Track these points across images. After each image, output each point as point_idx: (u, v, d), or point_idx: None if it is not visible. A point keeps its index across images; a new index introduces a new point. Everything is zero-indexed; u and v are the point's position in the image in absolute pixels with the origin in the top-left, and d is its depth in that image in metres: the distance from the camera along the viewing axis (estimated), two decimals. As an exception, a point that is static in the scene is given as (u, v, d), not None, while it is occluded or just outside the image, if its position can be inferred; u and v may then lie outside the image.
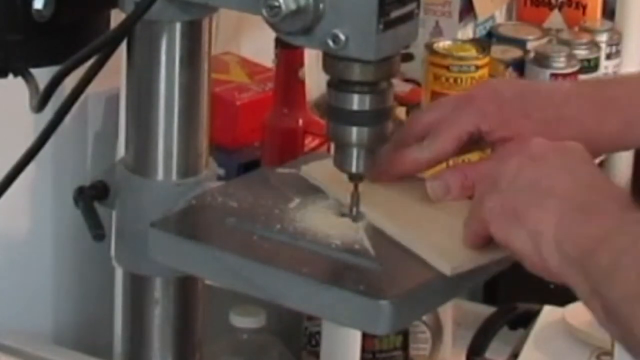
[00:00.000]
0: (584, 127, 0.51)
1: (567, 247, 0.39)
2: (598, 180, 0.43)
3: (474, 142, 0.51)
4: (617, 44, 1.19)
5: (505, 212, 0.42)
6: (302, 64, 0.82)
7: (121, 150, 0.62)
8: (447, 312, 1.15)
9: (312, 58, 0.79)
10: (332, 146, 0.52)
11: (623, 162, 1.22)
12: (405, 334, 1.07)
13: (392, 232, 0.48)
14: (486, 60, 0.98)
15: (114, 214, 0.56)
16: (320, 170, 0.55)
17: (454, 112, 0.51)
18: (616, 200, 0.41)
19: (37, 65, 0.53)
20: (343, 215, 0.50)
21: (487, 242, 0.44)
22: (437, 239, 0.47)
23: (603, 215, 0.39)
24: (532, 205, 0.41)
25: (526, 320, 1.11)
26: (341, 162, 0.49)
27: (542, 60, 1.07)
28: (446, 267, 0.44)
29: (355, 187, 0.49)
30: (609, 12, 1.31)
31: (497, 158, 0.47)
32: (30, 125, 0.81)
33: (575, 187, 0.42)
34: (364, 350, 0.93)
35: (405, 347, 1.08)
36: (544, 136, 0.47)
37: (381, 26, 0.43)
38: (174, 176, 0.54)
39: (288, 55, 0.83)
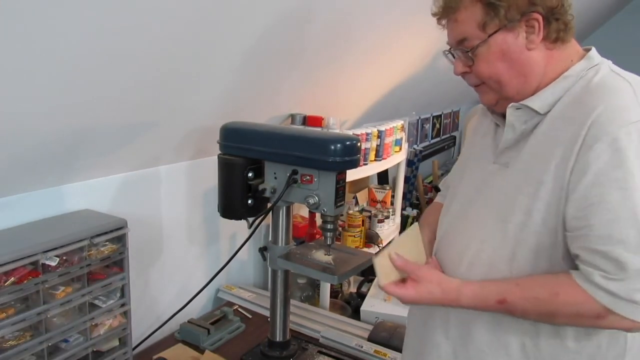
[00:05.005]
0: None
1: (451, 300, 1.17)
2: (445, 283, 1.20)
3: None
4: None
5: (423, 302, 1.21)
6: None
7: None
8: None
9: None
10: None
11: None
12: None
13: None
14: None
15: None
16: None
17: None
18: (452, 285, 1.18)
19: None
20: (326, 254, 1.72)
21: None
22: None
23: (450, 293, 1.17)
24: (430, 299, 1.20)
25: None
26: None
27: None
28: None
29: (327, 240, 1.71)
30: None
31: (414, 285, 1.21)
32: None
33: (439, 289, 1.19)
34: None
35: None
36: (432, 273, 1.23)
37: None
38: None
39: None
